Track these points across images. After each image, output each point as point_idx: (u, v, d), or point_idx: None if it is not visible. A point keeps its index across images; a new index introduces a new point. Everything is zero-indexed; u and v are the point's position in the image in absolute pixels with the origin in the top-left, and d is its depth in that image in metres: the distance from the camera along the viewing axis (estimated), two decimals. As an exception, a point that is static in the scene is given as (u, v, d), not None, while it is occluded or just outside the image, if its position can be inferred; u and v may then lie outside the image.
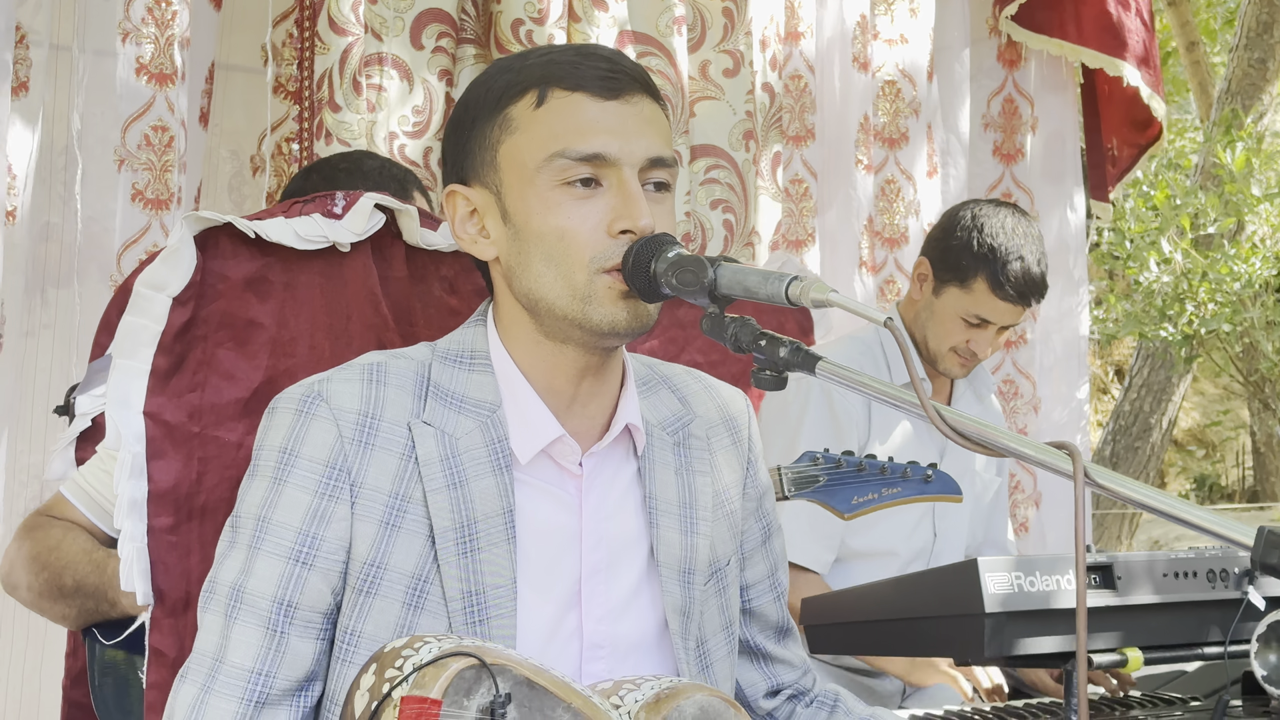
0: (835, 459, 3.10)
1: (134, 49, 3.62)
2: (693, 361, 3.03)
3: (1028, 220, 3.63)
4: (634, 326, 1.87)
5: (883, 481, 3.13)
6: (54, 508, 2.68)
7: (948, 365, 3.63)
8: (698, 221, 4.43)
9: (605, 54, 1.90)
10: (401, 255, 2.21)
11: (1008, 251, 3.53)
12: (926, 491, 3.18)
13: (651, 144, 1.88)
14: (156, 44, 3.64)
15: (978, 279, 3.55)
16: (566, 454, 1.93)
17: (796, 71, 4.82)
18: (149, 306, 2.01)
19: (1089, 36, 5.34)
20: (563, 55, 1.89)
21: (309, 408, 1.85)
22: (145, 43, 3.62)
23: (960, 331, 3.60)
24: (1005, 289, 3.51)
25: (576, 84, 1.87)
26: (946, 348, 3.61)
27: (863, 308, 1.69)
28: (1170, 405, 8.41)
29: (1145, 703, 3.14)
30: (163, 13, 3.63)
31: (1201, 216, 6.73)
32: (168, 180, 3.67)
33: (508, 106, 1.89)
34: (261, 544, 1.83)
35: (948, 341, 3.61)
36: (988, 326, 3.58)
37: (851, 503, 3.15)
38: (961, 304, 3.59)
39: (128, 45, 3.62)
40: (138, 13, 3.62)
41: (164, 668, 2.01)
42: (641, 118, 1.88)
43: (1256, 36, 8.09)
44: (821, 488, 3.09)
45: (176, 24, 3.63)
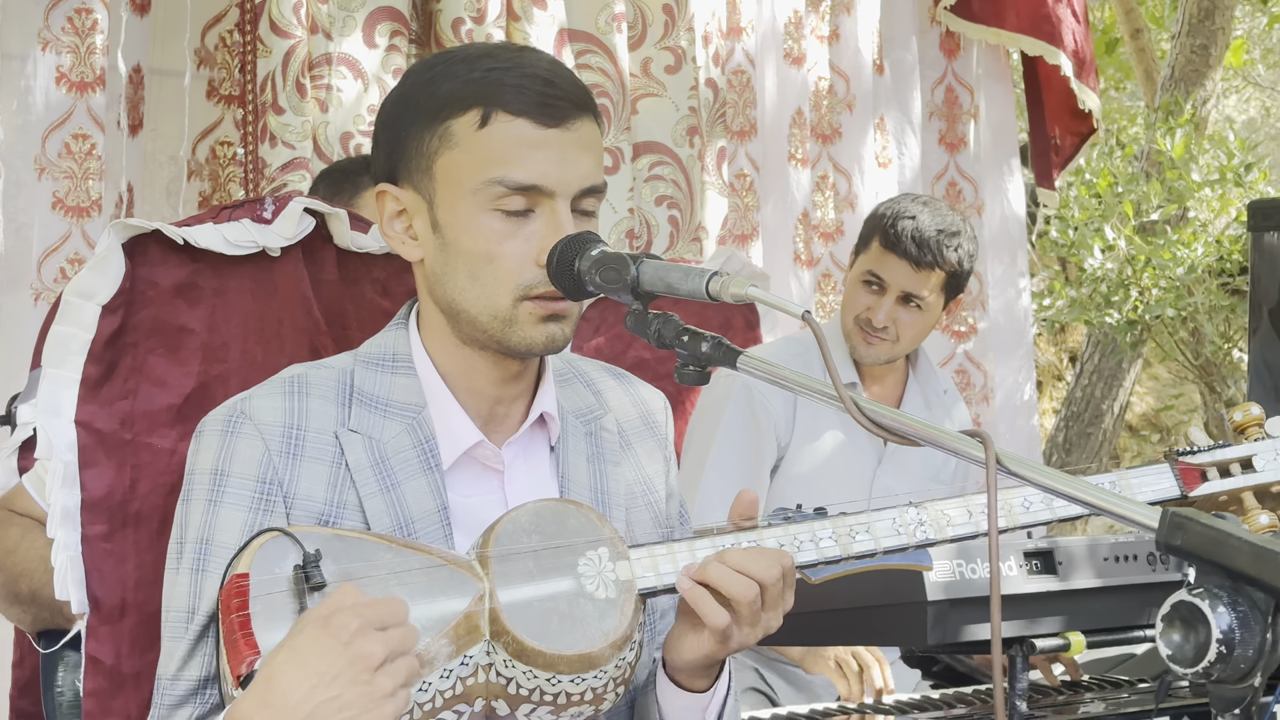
0: (806, 518, 3.09)
1: (54, 58, 3.61)
2: (638, 358, 3.05)
3: (939, 201, 3.65)
4: (548, 349, 1.92)
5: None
6: (13, 501, 2.67)
7: (855, 343, 3.57)
8: (642, 218, 4.44)
9: (551, 75, 1.90)
10: (333, 259, 2.22)
11: (900, 211, 3.53)
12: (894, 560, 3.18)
13: (587, 173, 1.90)
14: (76, 53, 3.63)
15: (873, 238, 3.54)
16: (488, 455, 1.96)
17: (739, 67, 4.84)
18: (78, 315, 2.01)
19: (1026, 25, 5.39)
20: (508, 74, 1.88)
21: (234, 427, 1.87)
22: (65, 51, 3.62)
23: (861, 297, 3.55)
24: (897, 245, 3.47)
25: (521, 109, 1.87)
26: (851, 320, 3.56)
27: (781, 302, 1.71)
28: (1121, 391, 8.46)
29: (1093, 686, 3.17)
30: (83, 21, 3.62)
31: (1144, 203, 6.78)
32: (88, 188, 3.66)
33: (449, 119, 1.89)
34: (207, 566, 1.85)
35: (851, 311, 3.56)
36: (885, 291, 3.52)
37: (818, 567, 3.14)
38: (861, 267, 3.57)
39: (48, 54, 3.61)
40: (57, 21, 3.62)
41: (101, 675, 2.01)
42: (580, 144, 1.90)
43: (1198, 23, 8.15)
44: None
45: (97, 32, 3.63)
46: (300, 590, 1.73)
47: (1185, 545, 1.43)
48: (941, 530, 2.00)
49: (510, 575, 1.81)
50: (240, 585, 1.73)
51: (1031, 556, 2.68)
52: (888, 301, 3.52)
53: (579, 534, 1.86)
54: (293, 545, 1.75)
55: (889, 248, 3.50)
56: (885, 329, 3.52)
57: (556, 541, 1.84)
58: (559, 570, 1.83)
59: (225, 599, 1.73)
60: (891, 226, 3.50)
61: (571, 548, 1.85)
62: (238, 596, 1.72)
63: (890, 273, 3.51)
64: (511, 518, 1.85)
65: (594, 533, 1.87)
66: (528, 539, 1.83)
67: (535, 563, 1.83)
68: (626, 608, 1.85)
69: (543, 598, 1.81)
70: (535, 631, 1.79)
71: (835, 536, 1.97)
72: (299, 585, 1.73)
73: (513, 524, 1.84)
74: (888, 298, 3.52)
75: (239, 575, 1.73)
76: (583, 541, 1.86)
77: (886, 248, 3.50)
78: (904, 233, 3.47)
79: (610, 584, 1.85)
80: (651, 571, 1.88)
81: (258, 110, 3.87)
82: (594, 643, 1.81)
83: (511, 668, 1.79)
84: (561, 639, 1.80)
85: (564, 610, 1.82)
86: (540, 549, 1.83)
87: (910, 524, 2.00)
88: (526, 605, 1.80)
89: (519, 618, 1.79)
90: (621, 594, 1.85)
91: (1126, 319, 6.74)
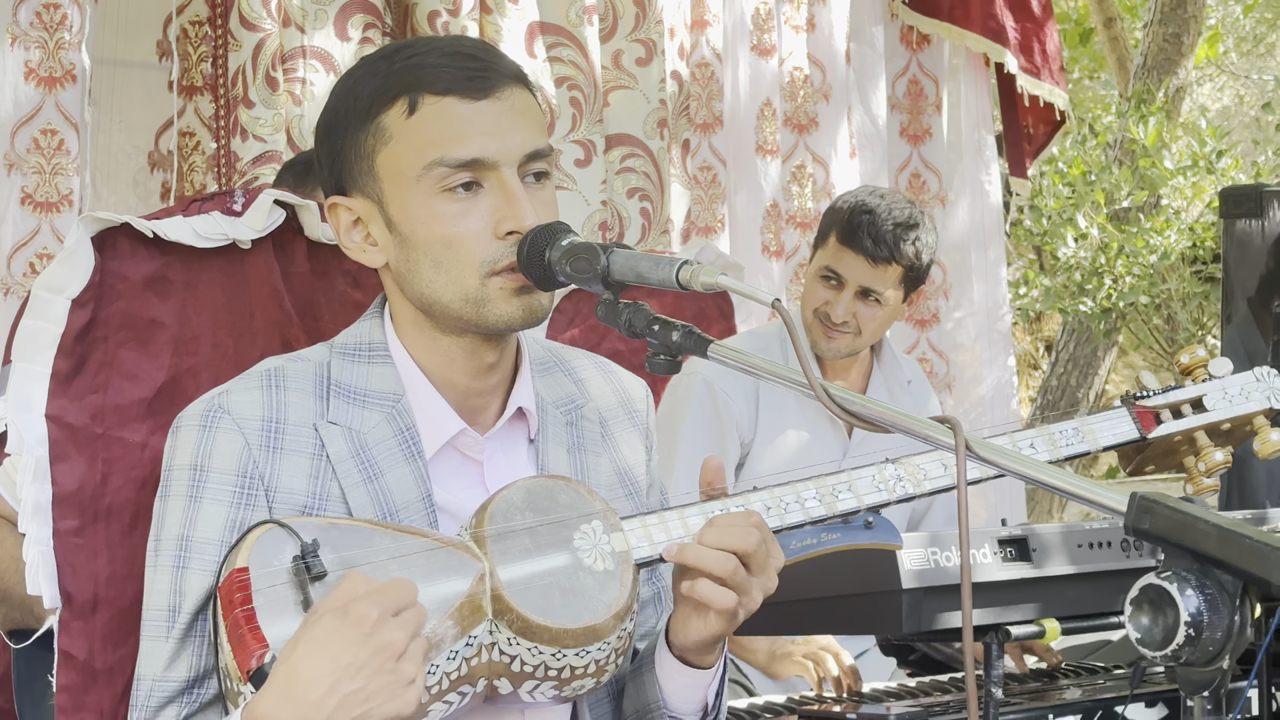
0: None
1: (22, 53, 3.60)
2: (614, 349, 3.04)
3: (898, 193, 3.64)
4: (528, 320, 1.89)
5: (822, 527, 3.12)
6: None
7: (815, 336, 3.56)
8: (615, 211, 4.45)
9: (471, 50, 1.90)
10: (303, 250, 2.21)
11: (855, 205, 3.52)
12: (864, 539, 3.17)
13: (528, 138, 1.88)
14: (45, 48, 3.62)
15: (831, 234, 3.54)
16: (470, 445, 1.95)
17: (704, 59, 4.85)
18: (47, 309, 2.00)
19: (975, 22, 5.43)
20: (429, 57, 1.88)
21: (212, 421, 1.86)
22: (34, 46, 3.61)
23: (819, 292, 3.54)
24: (853, 241, 3.47)
25: (446, 87, 1.86)
26: (810, 314, 3.56)
27: (751, 290, 1.72)
28: (1096, 379, 8.49)
29: (1069, 672, 3.18)
30: (51, 16, 3.61)
31: (1116, 191, 6.79)
32: (58, 184, 3.65)
33: (379, 115, 1.88)
34: (188, 563, 1.84)
35: (810, 305, 3.56)
36: (844, 286, 3.51)
37: (790, 547, 3.14)
38: (819, 262, 3.57)
39: (15, 49, 3.60)
40: (26, 16, 3.60)
41: (73, 670, 2.01)
42: (514, 112, 1.89)
43: (1170, 11, 8.17)
44: None
45: (65, 27, 3.62)
46: (301, 581, 1.72)
47: (1153, 529, 1.44)
48: (919, 484, 2.02)
49: (508, 553, 1.81)
50: (241, 579, 1.71)
51: (1006, 544, 2.69)
52: (846, 296, 3.52)
53: (571, 509, 1.86)
54: (289, 536, 1.74)
55: (845, 243, 3.49)
56: (845, 323, 3.52)
57: (550, 517, 1.84)
58: (555, 545, 1.84)
59: (226, 594, 1.72)
60: (848, 222, 3.49)
61: (565, 522, 1.85)
62: (240, 590, 1.71)
63: (847, 269, 3.50)
64: (504, 496, 1.85)
65: (585, 506, 1.88)
66: (521, 516, 1.83)
67: (531, 539, 1.83)
68: (625, 578, 1.85)
69: (542, 573, 1.82)
70: (539, 608, 1.79)
71: (820, 496, 1.98)
72: (300, 576, 1.73)
73: (505, 502, 1.84)
74: (846, 293, 3.52)
75: (239, 569, 1.72)
76: (576, 516, 1.86)
77: (843, 243, 3.50)
78: (860, 228, 3.47)
79: (607, 556, 1.85)
80: (645, 541, 1.88)
81: (229, 104, 3.86)
82: (597, 614, 1.82)
83: (515, 645, 1.79)
84: (565, 613, 1.80)
85: (565, 585, 1.82)
86: (535, 525, 1.83)
87: (890, 479, 2.00)
88: (527, 582, 1.80)
89: (522, 595, 1.79)
90: (619, 565, 1.86)
91: (1100, 307, 6.76)
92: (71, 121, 3.67)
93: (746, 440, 3.57)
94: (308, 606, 1.71)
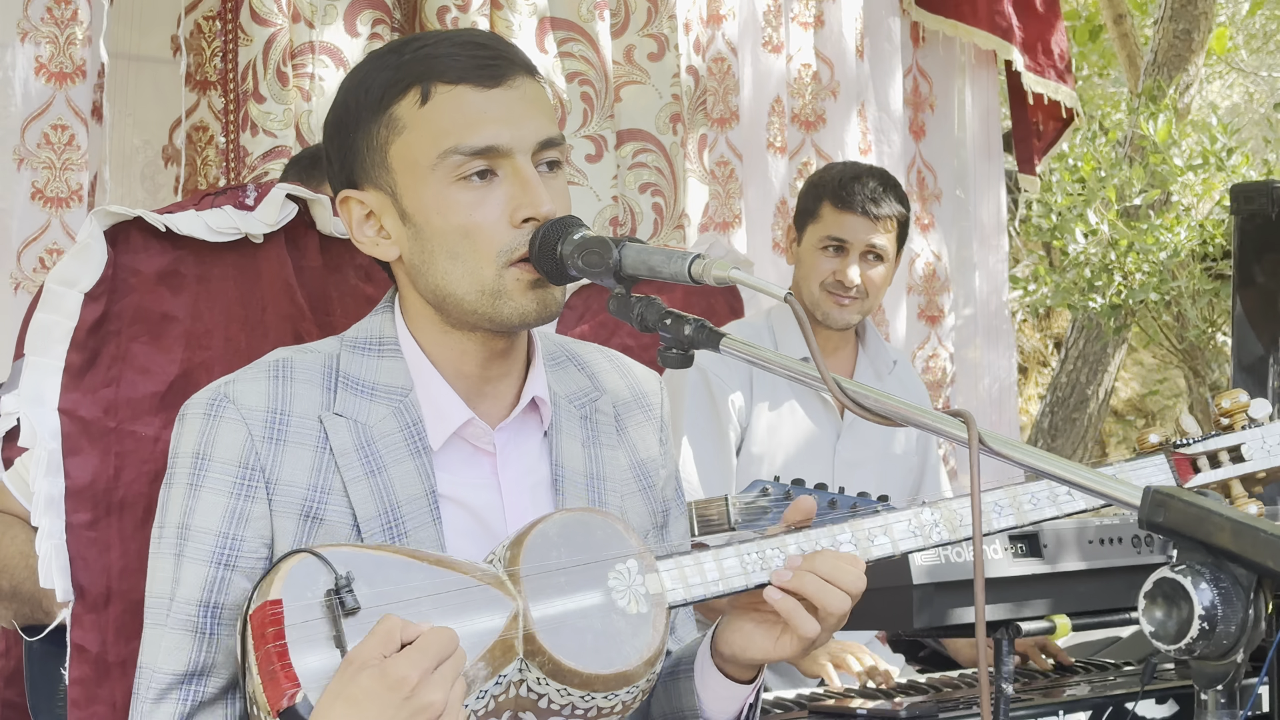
0: (784, 489, 3.10)
1: (32, 48, 3.61)
2: (623, 345, 3.04)
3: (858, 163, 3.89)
4: (543, 315, 1.89)
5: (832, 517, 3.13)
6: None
7: (826, 309, 3.61)
8: (626, 205, 4.45)
9: (482, 40, 1.90)
10: (315, 245, 2.21)
11: (836, 172, 3.68)
12: None
13: (540, 126, 1.88)
14: (56, 43, 3.63)
15: (821, 205, 3.64)
16: (479, 435, 1.94)
17: (719, 54, 4.85)
18: (60, 303, 2.01)
19: (982, 19, 5.45)
20: (439, 47, 1.88)
21: (216, 410, 1.86)
22: (44, 42, 3.61)
23: (824, 264, 3.61)
24: (851, 203, 3.58)
25: (458, 76, 1.86)
26: (817, 289, 3.61)
27: (764, 284, 1.71)
28: (1106, 376, 8.47)
29: (1079, 669, 3.18)
30: (62, 11, 3.62)
31: (1127, 188, 6.78)
32: (68, 179, 3.66)
33: (391, 105, 1.88)
34: (184, 551, 1.84)
35: (816, 280, 3.62)
36: (847, 250, 3.60)
37: None
38: (816, 235, 3.64)
39: (26, 45, 3.61)
40: (37, 12, 3.61)
41: (86, 663, 2.01)
42: (526, 100, 1.89)
43: (1181, 8, 8.15)
44: (770, 520, 3.09)
45: (76, 23, 3.62)
46: (335, 617, 1.71)
47: (1167, 522, 1.43)
48: (955, 530, 2.01)
49: (542, 591, 1.80)
50: (275, 613, 1.70)
51: (1017, 539, 2.69)
52: (853, 260, 3.60)
53: (606, 545, 1.85)
54: (322, 566, 1.73)
55: (844, 208, 3.59)
56: (854, 288, 3.59)
57: (586, 555, 1.83)
58: (589, 584, 1.83)
59: (259, 625, 1.71)
60: (840, 189, 3.60)
61: (600, 561, 1.84)
62: (273, 625, 1.70)
63: (850, 231, 3.59)
64: (539, 530, 1.83)
65: (621, 544, 1.87)
66: (556, 552, 1.82)
67: (566, 577, 1.82)
68: (658, 622, 1.85)
69: (575, 613, 1.81)
70: (571, 651, 1.78)
71: (854, 541, 1.96)
72: (333, 611, 1.71)
73: (541, 536, 1.83)
74: (852, 256, 3.60)
75: (272, 601, 1.71)
76: (612, 555, 1.85)
77: (842, 209, 3.59)
78: (853, 192, 3.58)
79: (641, 598, 1.85)
80: (680, 584, 1.88)
81: (239, 99, 3.86)
82: (629, 660, 1.81)
83: (545, 685, 1.79)
84: (597, 658, 1.80)
85: (598, 628, 1.81)
86: (571, 565, 1.82)
87: (926, 525, 2.00)
88: (560, 623, 1.80)
89: (554, 637, 1.78)
90: (653, 608, 1.85)
91: (1110, 304, 6.74)
92: (81, 116, 3.68)
93: (743, 422, 3.59)
94: (339, 642, 1.70)
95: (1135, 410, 12.71)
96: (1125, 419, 12.52)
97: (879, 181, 3.63)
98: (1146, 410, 12.62)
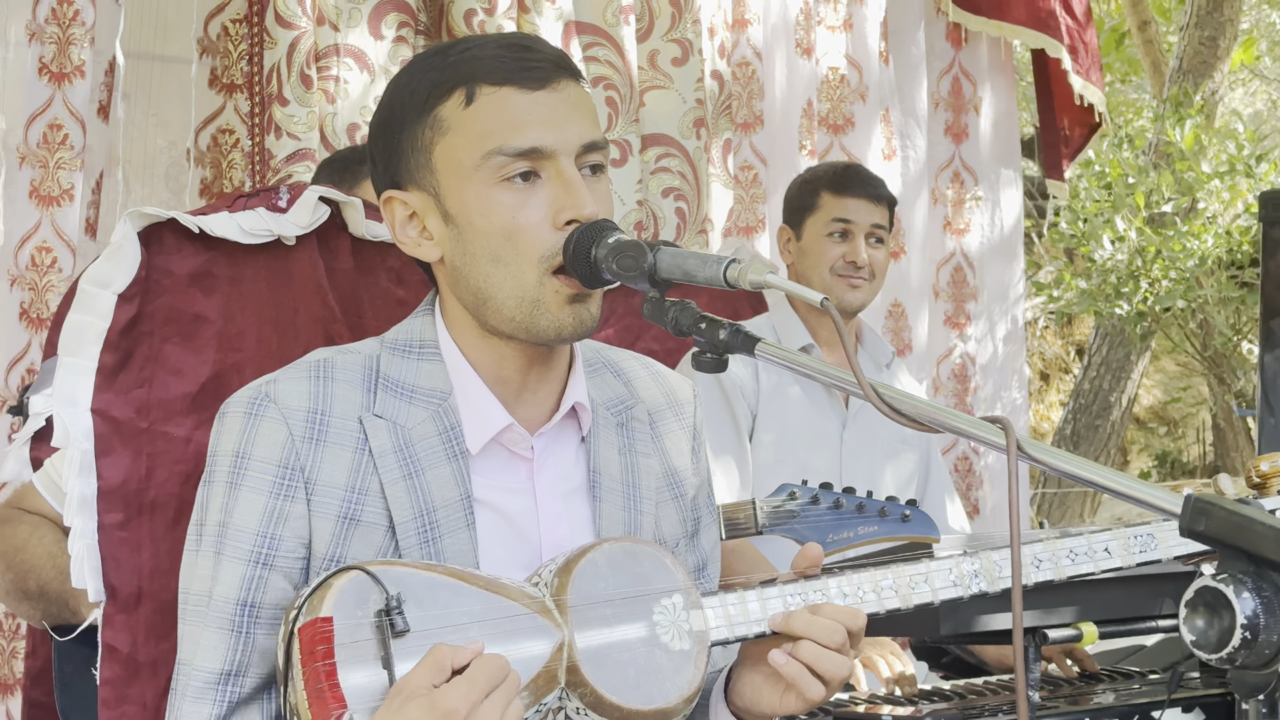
0: (812, 493, 3.10)
1: (38, 49, 3.64)
2: (648, 349, 3.04)
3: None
4: (578, 331, 1.89)
5: (859, 519, 3.11)
6: (23, 499, 2.67)
7: (840, 292, 3.68)
8: (650, 210, 4.44)
9: (526, 42, 1.90)
10: (347, 247, 2.22)
11: (829, 166, 3.86)
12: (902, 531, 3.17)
13: (584, 129, 1.88)
14: (58, 43, 3.65)
15: (820, 195, 3.74)
16: (517, 440, 1.93)
17: (744, 59, 4.85)
18: (94, 304, 2.02)
19: (1027, 18, 5.45)
20: (484, 49, 1.88)
21: (257, 409, 1.85)
22: (48, 42, 3.64)
23: (832, 249, 3.70)
24: (852, 187, 3.71)
25: (504, 78, 1.86)
26: (828, 274, 3.69)
27: (800, 288, 1.71)
28: (1129, 383, 8.45)
29: (1104, 677, 3.16)
30: (65, 12, 3.65)
31: (1154, 195, 6.76)
32: (59, 177, 3.68)
33: (436, 107, 1.88)
34: (223, 549, 1.84)
35: (825, 266, 3.70)
36: (854, 232, 3.69)
37: (826, 541, 3.13)
38: (820, 223, 3.74)
39: (33, 45, 3.65)
40: (43, 13, 3.64)
41: (117, 663, 2.02)
42: (570, 103, 1.89)
43: (1207, 14, 8.13)
44: (797, 524, 3.09)
45: (78, 23, 3.65)
46: (384, 638, 1.71)
47: (1209, 530, 1.43)
48: (993, 582, 2.03)
49: (588, 621, 1.81)
50: (325, 631, 1.70)
51: (1044, 547, 2.68)
52: (860, 240, 3.70)
53: (653, 578, 1.86)
54: (373, 585, 1.73)
55: (847, 193, 3.70)
56: (864, 268, 3.69)
57: (633, 587, 1.84)
58: (634, 616, 1.84)
59: (308, 642, 1.71)
60: (839, 177, 3.74)
61: (647, 595, 1.85)
62: (323, 643, 1.70)
63: (856, 213, 3.69)
64: (589, 559, 1.84)
65: (667, 578, 1.87)
66: (604, 583, 1.83)
67: (612, 609, 1.83)
68: (700, 660, 1.86)
69: (619, 646, 1.81)
70: (613, 685, 1.79)
71: (895, 588, 1.97)
72: (383, 634, 1.71)
73: (590, 566, 1.83)
74: (859, 237, 3.70)
75: (323, 619, 1.71)
76: (658, 589, 1.86)
77: (844, 194, 3.71)
78: (851, 178, 3.73)
79: (685, 634, 1.86)
80: (724, 622, 1.89)
81: (263, 101, 3.87)
82: (669, 697, 1.82)
83: (583, 715, 1.80)
84: (638, 693, 1.80)
85: (641, 663, 1.82)
86: (617, 597, 1.83)
87: (966, 575, 2.01)
88: (604, 655, 1.80)
89: (597, 669, 1.79)
90: (695, 645, 1.86)
91: (1136, 310, 6.73)
92: (77, 117, 3.70)
93: (753, 410, 3.60)
94: (387, 663, 1.70)
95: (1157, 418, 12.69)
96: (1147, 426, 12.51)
97: (868, 172, 3.79)
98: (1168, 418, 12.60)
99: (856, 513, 3.06)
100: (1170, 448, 12.30)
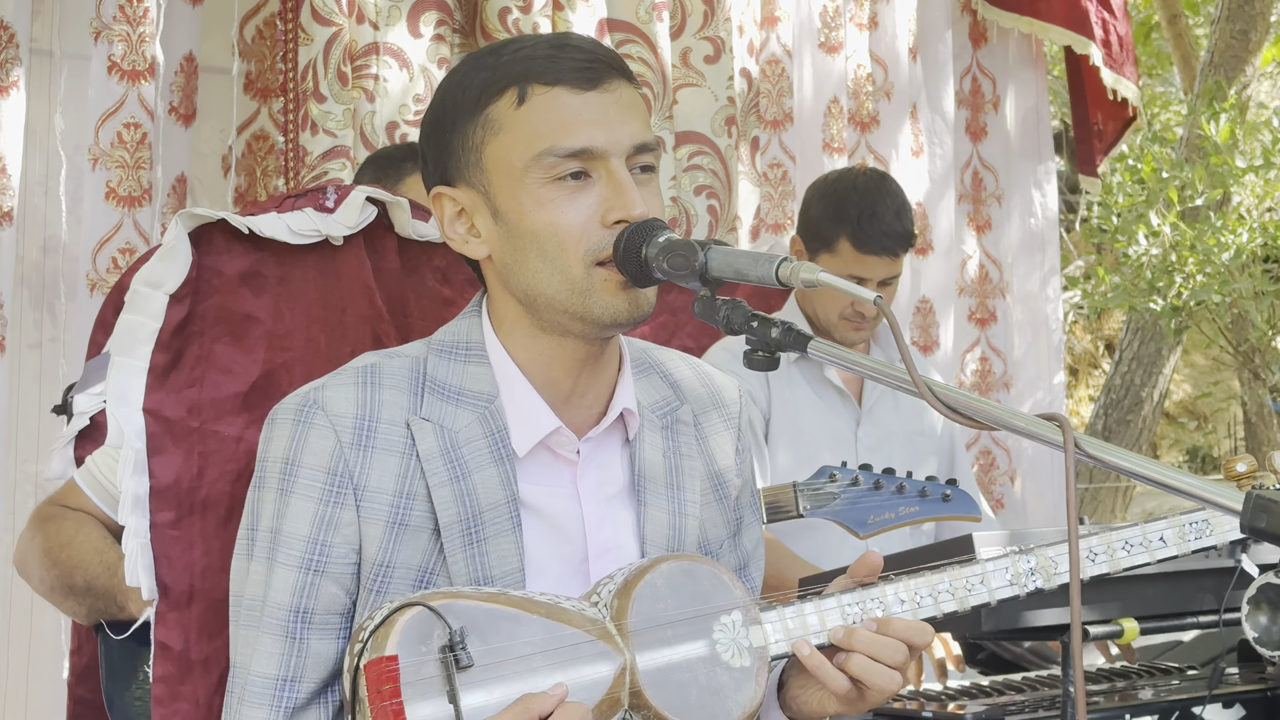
0: (852, 475, 3.10)
1: (105, 47, 3.63)
2: (684, 346, 3.05)
3: (881, 176, 3.68)
4: (635, 315, 1.88)
5: (900, 500, 3.12)
6: (67, 496, 2.68)
7: (843, 333, 3.59)
8: (682, 208, 4.45)
9: (578, 43, 1.91)
10: (394, 247, 2.23)
11: (860, 209, 3.54)
12: (943, 511, 3.17)
13: (635, 130, 1.89)
14: (128, 41, 3.65)
15: (840, 241, 3.55)
16: (564, 444, 1.94)
17: (774, 56, 4.85)
18: (146, 304, 2.03)
19: (1058, 15, 5.42)
20: (537, 49, 1.89)
21: (306, 416, 1.86)
22: (117, 41, 3.63)
23: (841, 297, 3.54)
24: (867, 244, 3.52)
25: (555, 78, 1.86)
26: (835, 316, 3.58)
27: (852, 287, 1.71)
28: (1161, 378, 8.41)
29: (1143, 672, 3.16)
30: (134, 10, 3.64)
31: (1189, 189, 6.73)
32: (140, 177, 3.67)
33: (488, 106, 1.88)
34: (275, 555, 1.85)
35: (834, 310, 3.57)
36: (865, 285, 3.54)
37: (868, 522, 3.14)
38: (833, 269, 3.56)
39: (100, 44, 3.63)
40: (109, 11, 3.63)
41: (169, 661, 2.03)
42: (622, 104, 1.89)
43: (1238, 8, 8.08)
44: (839, 505, 3.09)
45: (147, 21, 3.64)
46: (449, 674, 1.73)
47: (1270, 527, 1.43)
48: (1050, 579, 2.04)
49: (649, 644, 1.82)
50: (390, 670, 1.72)
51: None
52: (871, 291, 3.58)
53: (711, 596, 1.88)
54: (436, 621, 1.74)
55: (867, 249, 3.53)
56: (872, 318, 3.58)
57: (692, 606, 1.86)
58: (694, 635, 1.85)
59: (375, 681, 1.72)
60: (859, 229, 3.52)
61: (707, 614, 1.86)
62: (389, 682, 1.71)
63: (870, 270, 3.55)
64: (647, 580, 1.85)
65: (726, 595, 1.89)
66: (663, 604, 1.84)
67: (673, 630, 1.84)
68: (760, 676, 1.87)
69: (680, 667, 1.83)
70: (675, 706, 1.81)
71: (952, 591, 1.98)
72: (448, 669, 1.73)
73: (649, 588, 1.84)
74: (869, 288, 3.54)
75: (388, 658, 1.72)
76: (717, 606, 1.87)
77: (864, 250, 3.53)
78: (871, 234, 3.52)
79: (745, 651, 1.87)
80: (783, 636, 1.90)
81: (299, 98, 3.87)
82: (730, 716, 1.84)
83: None
84: (701, 713, 1.82)
85: (702, 682, 1.83)
86: (678, 618, 1.84)
87: (1022, 574, 2.02)
88: (665, 677, 1.82)
89: (660, 691, 1.81)
90: (755, 662, 1.87)
91: (1170, 305, 6.70)
92: (151, 113, 3.69)
93: (765, 410, 3.59)
94: (453, 698, 1.72)
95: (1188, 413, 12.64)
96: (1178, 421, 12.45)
97: (895, 212, 3.55)
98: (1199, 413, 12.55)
99: (897, 493, 3.06)
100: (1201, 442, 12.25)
